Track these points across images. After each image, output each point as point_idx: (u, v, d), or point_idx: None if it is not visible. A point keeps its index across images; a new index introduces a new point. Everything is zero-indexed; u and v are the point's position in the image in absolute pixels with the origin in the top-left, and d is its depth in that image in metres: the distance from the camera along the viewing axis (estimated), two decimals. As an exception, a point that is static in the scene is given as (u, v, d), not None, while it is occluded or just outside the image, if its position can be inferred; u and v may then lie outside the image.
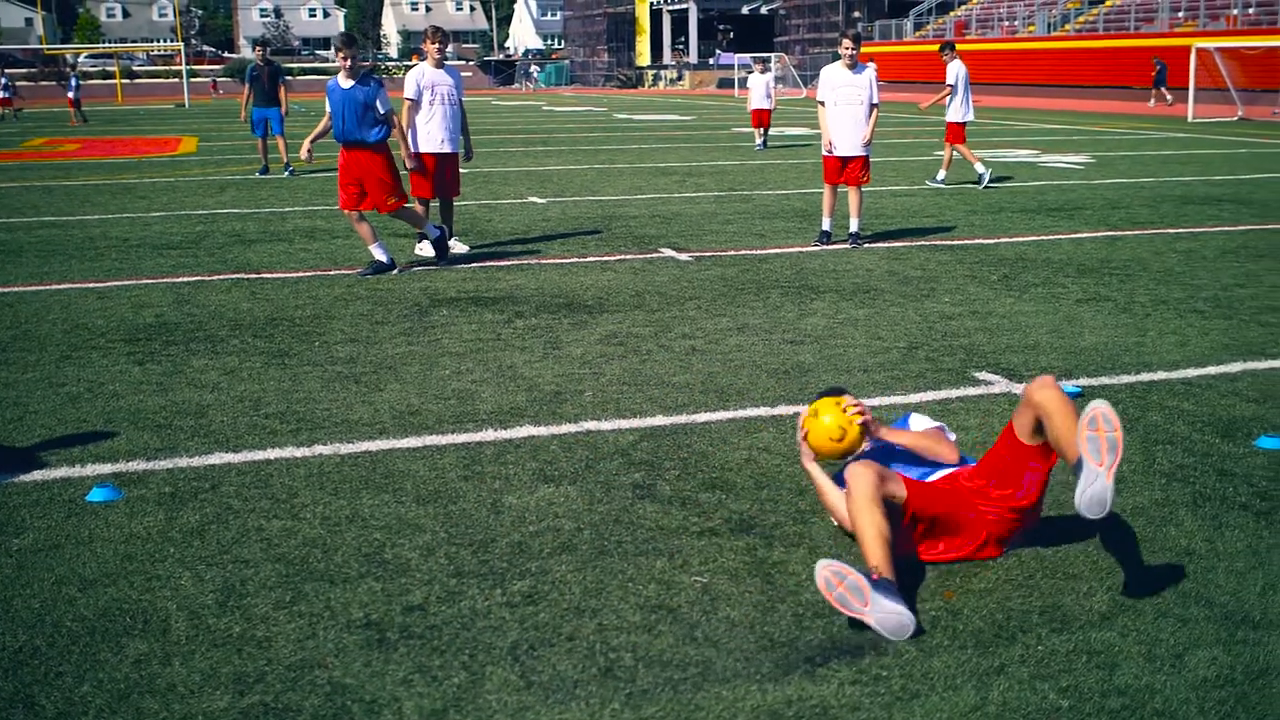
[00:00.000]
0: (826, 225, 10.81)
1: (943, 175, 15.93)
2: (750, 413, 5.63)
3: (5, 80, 38.05)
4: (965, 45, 51.52)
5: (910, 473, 4.07)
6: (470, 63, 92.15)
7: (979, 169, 15.49)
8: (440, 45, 10.16)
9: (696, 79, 73.21)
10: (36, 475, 4.85)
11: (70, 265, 10.01)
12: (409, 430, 5.39)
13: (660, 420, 5.52)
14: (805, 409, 4.20)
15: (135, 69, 78.20)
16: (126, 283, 9.17)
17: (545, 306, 8.14)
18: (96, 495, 4.56)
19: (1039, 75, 48.19)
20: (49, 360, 6.75)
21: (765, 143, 22.41)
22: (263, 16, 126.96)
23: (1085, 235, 11.22)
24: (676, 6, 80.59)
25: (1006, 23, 54.87)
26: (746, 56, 50.45)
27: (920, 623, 3.50)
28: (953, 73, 15.48)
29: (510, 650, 3.39)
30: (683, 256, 10.18)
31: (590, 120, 34.97)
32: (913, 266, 9.62)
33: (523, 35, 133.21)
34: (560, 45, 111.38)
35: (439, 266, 9.75)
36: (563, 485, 4.69)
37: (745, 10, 79.29)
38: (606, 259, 10.13)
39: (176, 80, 60.16)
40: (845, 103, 10.37)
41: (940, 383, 6.10)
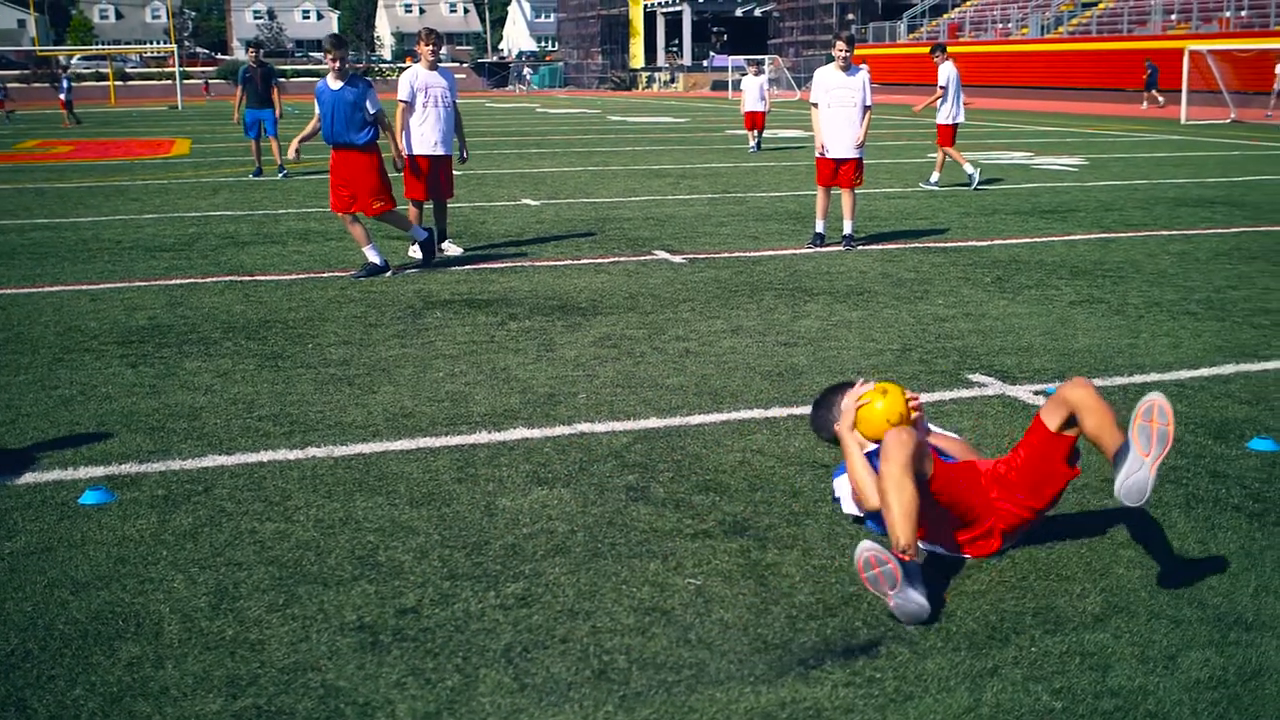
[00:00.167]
0: (820, 227, 10.82)
1: (936, 177, 15.96)
2: (744, 415, 5.64)
3: None
4: (959, 47, 51.69)
5: None
6: (464, 65, 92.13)
7: (968, 170, 15.53)
8: (434, 47, 10.17)
9: (690, 81, 73.26)
10: (29, 478, 4.84)
11: (63, 267, 9.99)
12: (402, 432, 5.39)
13: (654, 422, 5.52)
14: (872, 382, 4.14)
15: (128, 71, 78.06)
16: (119, 285, 9.16)
17: (539, 309, 8.14)
18: (89, 498, 4.56)
19: (1032, 78, 48.29)
20: (41, 363, 6.74)
21: (759, 145, 22.44)
22: (256, 18, 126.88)
23: (1078, 237, 11.24)
24: (670, 9, 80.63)
25: (1000, 25, 54.96)
26: (740, 59, 50.53)
27: (934, 611, 3.56)
28: (944, 75, 15.51)
29: (504, 652, 3.39)
30: (676, 259, 10.18)
31: (584, 122, 34.98)
32: (906, 268, 9.63)
33: (516, 37, 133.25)
34: (554, 47, 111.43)
35: (426, 269, 9.75)
36: (556, 487, 4.69)
37: (739, 12, 79.32)
38: (600, 261, 10.13)
39: (170, 82, 60.05)
40: (839, 105, 10.38)
41: (934, 384, 6.11)
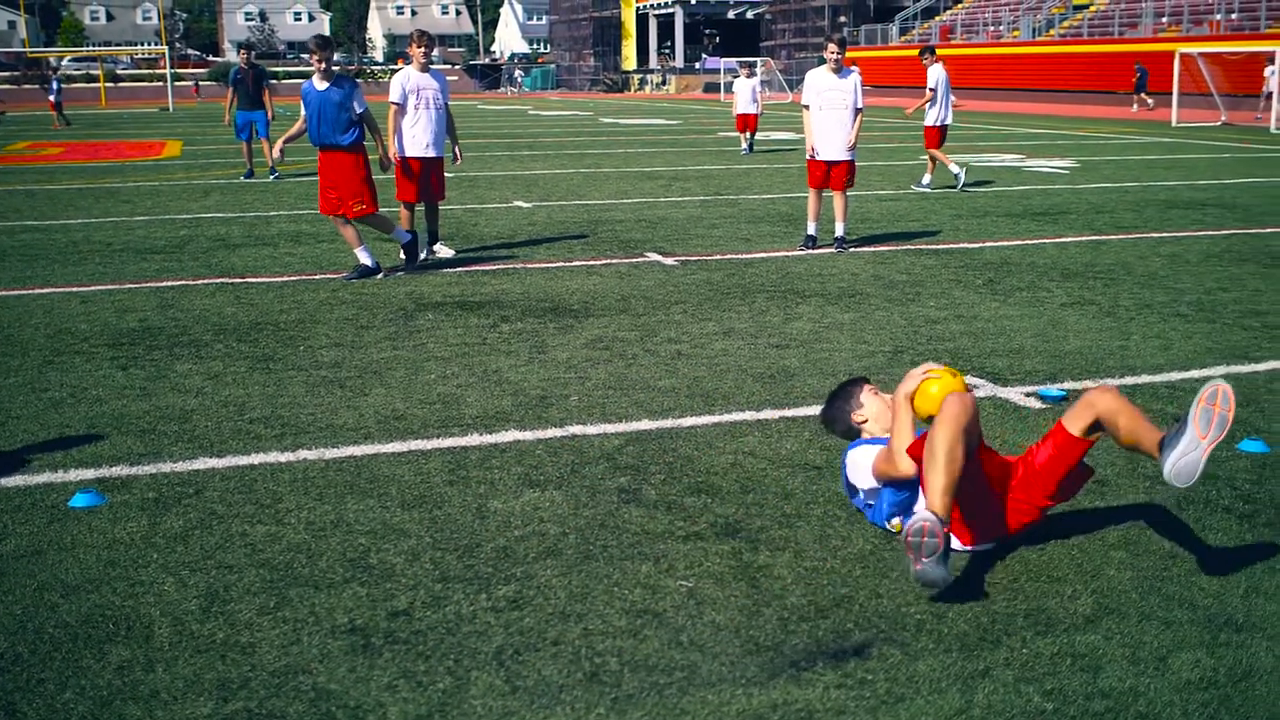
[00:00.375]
0: (812, 229, 10.83)
1: (928, 179, 15.99)
2: (736, 417, 5.64)
3: None
4: (951, 50, 51.83)
5: None
6: (456, 66, 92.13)
7: (953, 169, 15.62)
8: (425, 49, 10.15)
9: (682, 83, 73.33)
10: (19, 480, 4.82)
11: (53, 269, 9.96)
12: (394, 435, 5.38)
13: (646, 424, 5.52)
14: (941, 364, 4.12)
15: (119, 72, 77.93)
16: (110, 287, 9.13)
17: (531, 311, 8.14)
18: (79, 500, 4.54)
19: (1024, 80, 48.41)
20: (32, 365, 6.72)
21: (751, 147, 22.46)
22: (247, 20, 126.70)
23: (1070, 239, 11.27)
24: (663, 11, 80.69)
25: (991, 27, 55.08)
26: (732, 61, 50.53)
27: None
28: (933, 77, 15.57)
29: (495, 655, 3.38)
30: (668, 261, 10.18)
31: (576, 124, 34.98)
32: (898, 270, 9.64)
33: (509, 39, 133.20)
34: (546, 49, 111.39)
35: (418, 271, 9.71)
36: (548, 490, 4.69)
37: (731, 15, 79.45)
38: (592, 263, 10.13)
39: (161, 84, 59.96)
40: (830, 107, 10.39)
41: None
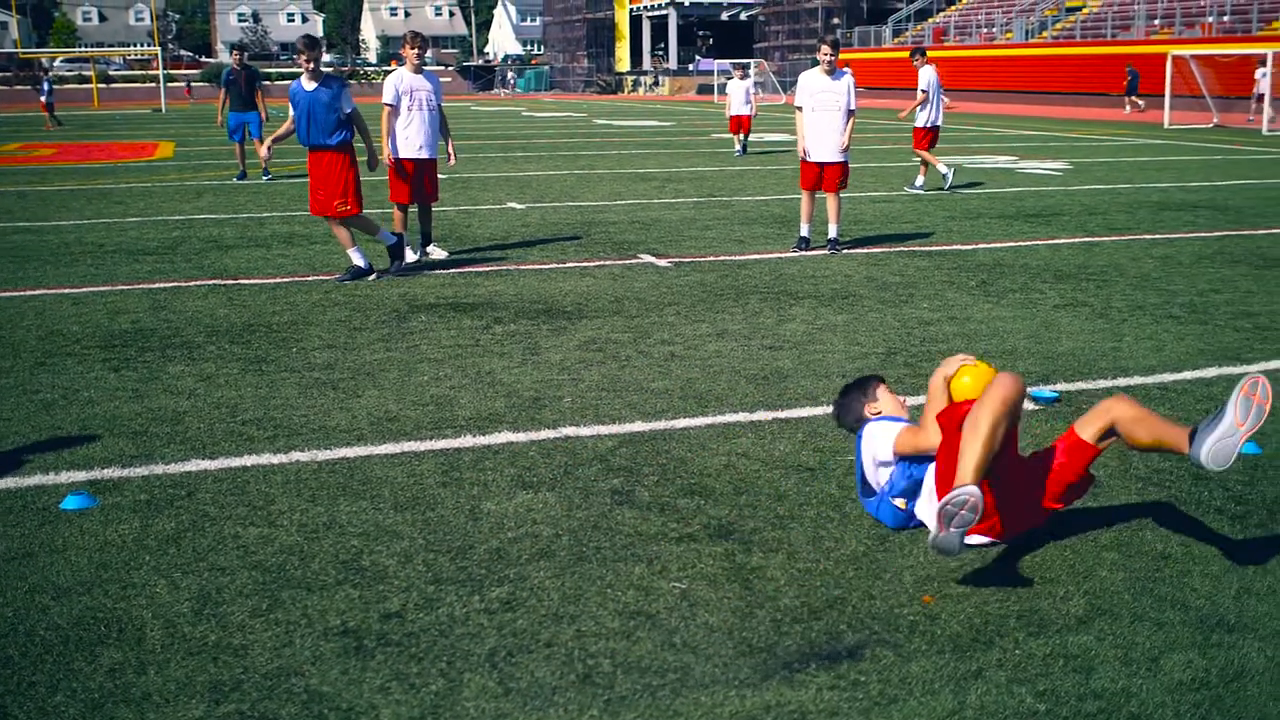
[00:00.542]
0: (805, 231, 10.84)
1: (921, 181, 16.02)
2: (729, 418, 5.64)
3: None
4: (944, 52, 51.91)
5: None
6: (449, 68, 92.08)
7: (942, 169, 15.76)
8: (419, 50, 10.14)
9: (676, 85, 73.35)
10: (10, 482, 4.81)
11: (45, 271, 9.94)
12: (387, 437, 5.37)
13: (639, 426, 5.52)
14: (974, 359, 4.19)
15: (111, 73, 77.81)
16: (102, 289, 9.11)
17: (524, 312, 8.13)
18: (71, 503, 4.53)
19: (1017, 82, 48.49)
20: (23, 367, 6.70)
21: (745, 148, 22.47)
22: (240, 21, 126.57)
23: (1062, 241, 11.29)
24: (656, 12, 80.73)
25: (985, 29, 55.17)
26: (726, 62, 50.60)
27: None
28: (924, 78, 15.62)
29: (488, 657, 3.38)
30: (662, 262, 10.18)
31: (570, 126, 34.97)
32: (891, 272, 9.65)
33: (502, 41, 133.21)
34: (540, 51, 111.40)
35: (393, 275, 9.52)
36: (541, 491, 4.68)
37: (725, 16, 79.50)
38: (585, 265, 10.13)
39: (153, 85, 59.85)
40: (823, 108, 10.40)
41: (919, 388, 6.11)
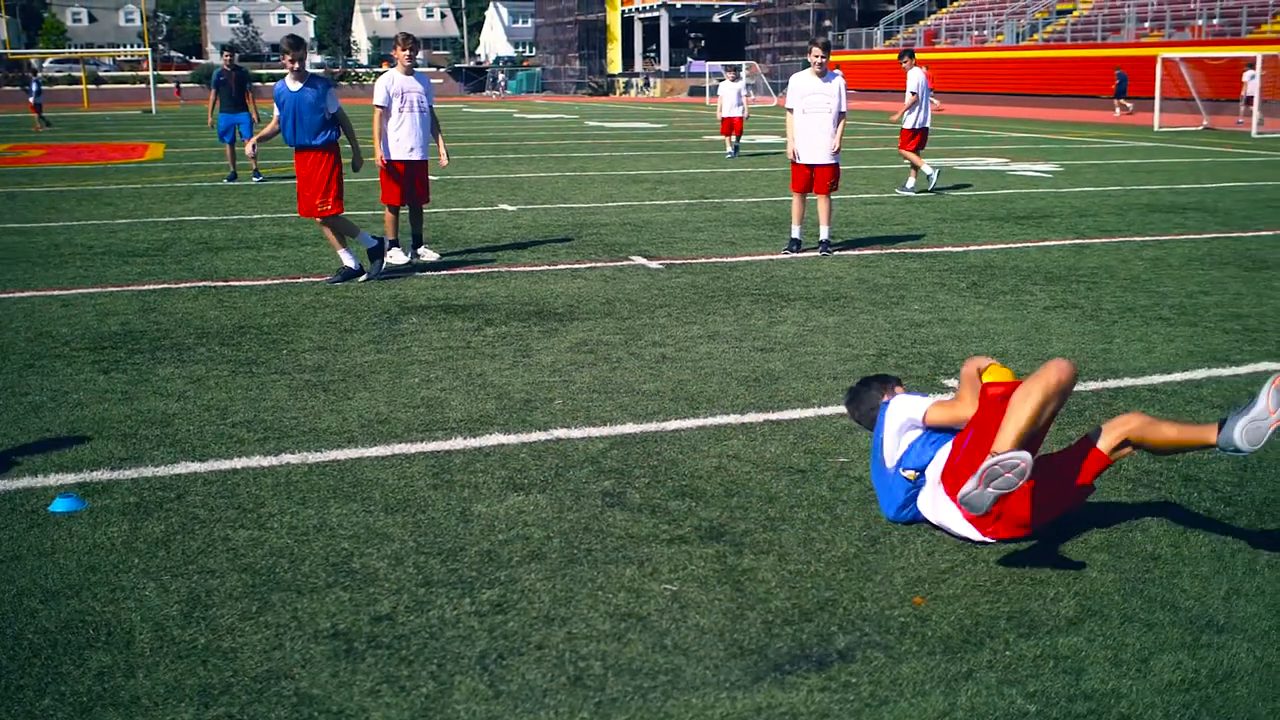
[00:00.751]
0: (796, 233, 10.85)
1: (912, 183, 16.04)
2: (720, 420, 5.64)
3: None
4: (935, 54, 51.99)
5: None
6: (441, 70, 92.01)
7: (926, 169, 15.86)
8: (410, 52, 10.13)
9: (668, 87, 73.39)
10: (-1, 485, 4.79)
11: (34, 272, 9.90)
12: (377, 439, 5.36)
13: (630, 428, 5.51)
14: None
15: (101, 74, 77.61)
16: (91, 290, 9.08)
17: (515, 314, 8.12)
18: (59, 505, 4.51)
19: (1007, 84, 48.60)
20: (12, 369, 6.68)
21: (736, 150, 22.48)
22: (231, 22, 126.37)
23: (1053, 243, 11.31)
24: (648, 14, 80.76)
25: (975, 32, 55.29)
26: (718, 64, 50.61)
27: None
28: (914, 80, 15.67)
29: (479, 659, 3.37)
30: (653, 264, 10.18)
31: (561, 127, 34.96)
32: (882, 274, 9.66)
33: (494, 42, 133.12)
34: (532, 52, 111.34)
35: (372, 278, 9.36)
36: (532, 493, 4.68)
37: (716, 18, 79.54)
38: (577, 266, 10.12)
39: (143, 86, 59.73)
40: (814, 111, 10.41)
41: (910, 389, 6.11)
